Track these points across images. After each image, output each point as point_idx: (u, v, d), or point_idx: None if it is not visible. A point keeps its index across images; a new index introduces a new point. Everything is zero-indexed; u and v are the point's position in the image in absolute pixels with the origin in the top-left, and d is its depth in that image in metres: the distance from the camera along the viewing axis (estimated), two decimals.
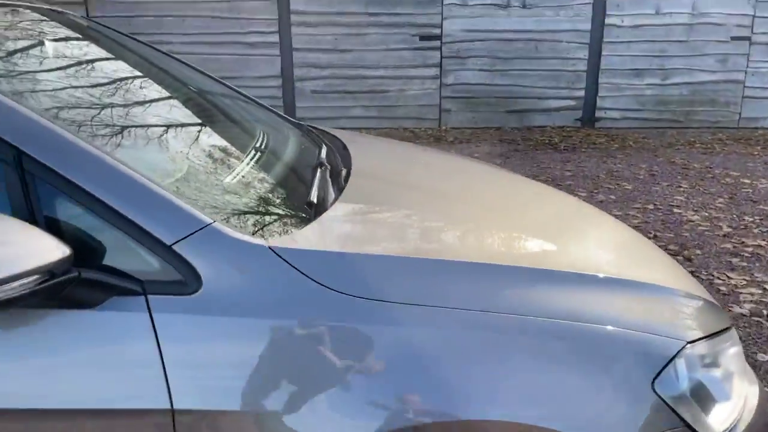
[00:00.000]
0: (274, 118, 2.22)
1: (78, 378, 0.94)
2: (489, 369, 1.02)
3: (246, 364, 0.98)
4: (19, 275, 0.84)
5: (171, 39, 8.83)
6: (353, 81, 9.08)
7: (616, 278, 1.26)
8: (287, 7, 8.78)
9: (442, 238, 1.39)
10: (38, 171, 0.96)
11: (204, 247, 1.01)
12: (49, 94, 1.25)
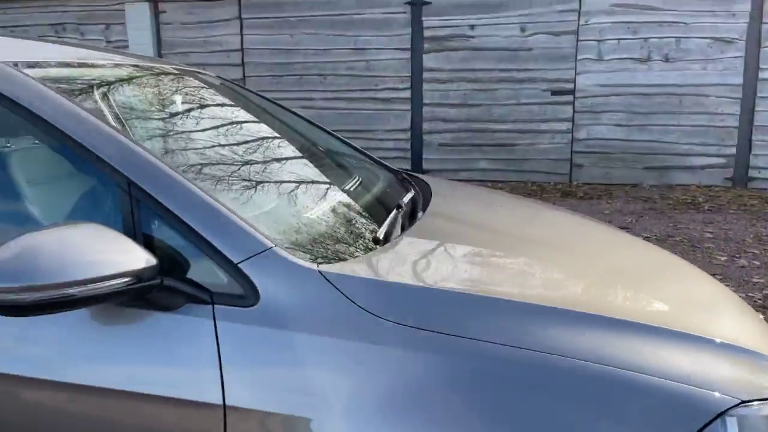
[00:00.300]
0: (373, 166, 2.39)
1: (152, 368, 1.12)
2: (509, 404, 1.05)
3: (290, 373, 1.10)
4: (113, 276, 1.04)
5: (313, 95, 9.61)
6: (481, 134, 9.21)
7: (669, 329, 1.21)
8: (420, 65, 9.20)
9: (490, 275, 1.42)
10: (142, 197, 1.18)
11: (264, 267, 1.16)
12: (167, 137, 1.51)
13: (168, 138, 1.56)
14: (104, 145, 1.20)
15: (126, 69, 1.80)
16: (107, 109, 1.38)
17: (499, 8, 8.80)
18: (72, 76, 1.45)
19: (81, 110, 1.24)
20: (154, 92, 1.75)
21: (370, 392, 1.07)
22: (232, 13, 9.58)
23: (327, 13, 9.28)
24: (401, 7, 9.09)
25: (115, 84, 1.58)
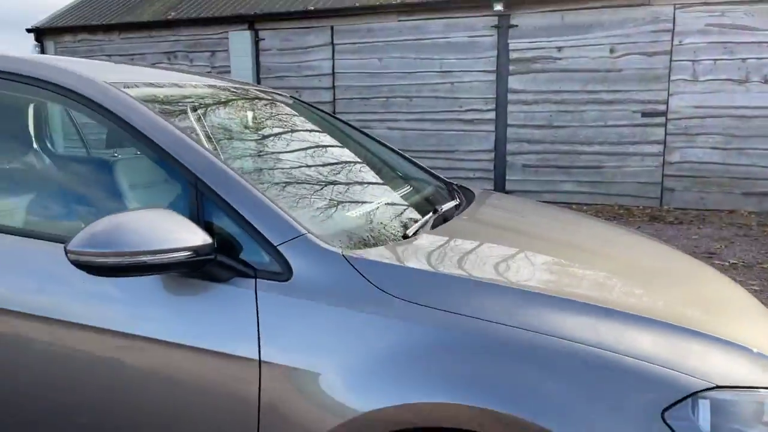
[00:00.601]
0: (425, 176, 2.58)
1: (205, 328, 1.35)
2: (487, 371, 1.19)
3: (318, 335, 1.30)
4: (177, 249, 1.29)
5: (398, 117, 9.93)
6: (566, 156, 9.11)
7: (655, 319, 1.30)
8: (505, 87, 9.28)
9: (490, 264, 1.56)
10: (205, 190, 1.44)
11: (297, 249, 1.38)
12: (232, 143, 1.80)
13: (232, 144, 1.84)
14: (177, 148, 1.47)
15: (203, 89, 2.12)
16: (181, 119, 1.67)
17: (588, 29, 8.74)
18: (157, 94, 1.76)
19: (159, 119, 1.52)
20: (224, 106, 2.04)
21: (372, 353, 1.25)
22: (325, 39, 10.15)
23: (414, 38, 9.60)
24: (487, 30, 9.24)
25: (190, 100, 1.90)
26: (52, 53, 12.00)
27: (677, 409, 1.15)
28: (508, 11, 9.06)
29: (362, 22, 9.87)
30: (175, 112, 1.72)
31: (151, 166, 1.56)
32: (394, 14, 9.67)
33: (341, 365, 1.27)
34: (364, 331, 1.28)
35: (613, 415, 1.15)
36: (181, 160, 1.47)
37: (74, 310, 1.43)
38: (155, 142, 1.49)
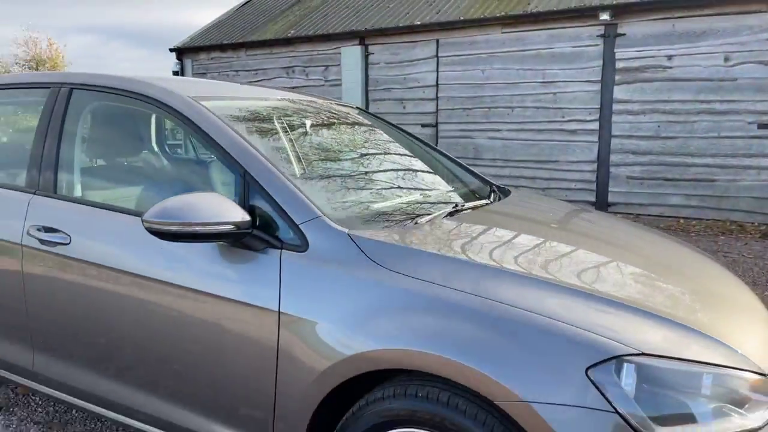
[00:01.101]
0: (465, 175, 2.85)
1: (243, 286, 1.74)
2: (451, 327, 1.46)
3: (322, 293, 1.64)
4: (222, 223, 1.69)
5: (499, 127, 10.05)
6: (675, 168, 8.74)
7: (597, 295, 1.52)
8: (610, 97, 9.11)
9: (477, 245, 1.81)
10: (251, 181, 1.83)
11: (313, 228, 1.72)
12: (277, 142, 2.22)
13: (277, 142, 2.24)
14: (232, 146, 1.87)
15: (267, 101, 2.56)
16: (240, 124, 2.09)
17: (700, 37, 8.37)
18: (225, 105, 2.20)
19: (221, 123, 1.94)
20: (277, 113, 2.46)
21: (357, 307, 1.57)
22: (430, 52, 10.52)
23: (517, 49, 9.70)
24: (593, 40, 9.13)
25: (252, 109, 2.33)
26: (189, 69, 13.44)
27: (600, 368, 1.35)
28: (616, 20, 8.90)
29: (466, 35, 10.13)
30: (236, 118, 2.15)
31: (213, 160, 1.99)
32: (497, 26, 9.83)
33: (336, 317, 1.60)
34: (356, 292, 1.61)
35: (545, 366, 1.38)
36: (234, 156, 1.88)
37: (159, 271, 1.89)
38: (217, 141, 1.92)
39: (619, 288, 1.68)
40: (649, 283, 1.82)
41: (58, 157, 2.25)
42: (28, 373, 2.28)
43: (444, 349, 1.45)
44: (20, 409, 2.65)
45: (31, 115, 2.45)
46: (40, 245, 2.13)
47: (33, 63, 35.75)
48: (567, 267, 1.79)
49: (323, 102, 2.95)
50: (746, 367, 1.49)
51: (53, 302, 2.12)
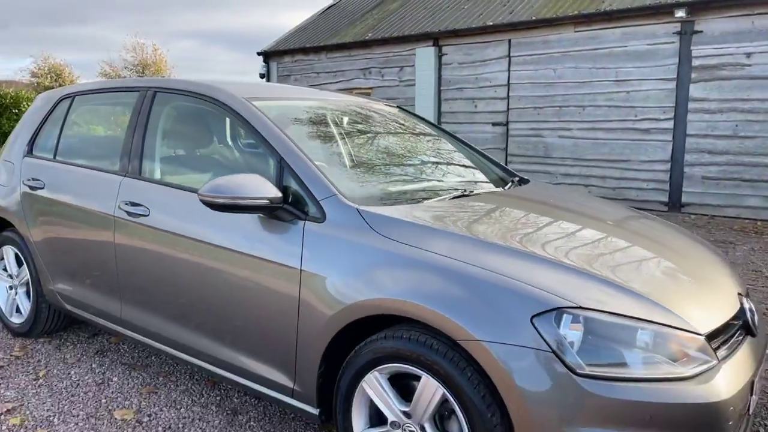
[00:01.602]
0: (492, 166, 3.18)
1: (276, 247, 2.16)
2: (430, 281, 1.83)
3: (333, 255, 2.03)
4: (259, 197, 2.12)
5: (570, 126, 10.06)
6: (754, 169, 8.46)
7: (547, 259, 1.85)
8: (686, 95, 8.93)
9: (465, 220, 2.16)
10: (285, 165, 2.26)
11: (330, 203, 2.12)
12: (311, 134, 2.66)
13: (310, 134, 2.69)
14: (272, 137, 2.32)
15: (308, 101, 3.01)
16: (281, 120, 2.52)
17: None
18: (276, 106, 2.66)
19: (265, 118, 2.39)
20: (315, 111, 2.91)
21: (359, 266, 1.96)
22: (502, 52, 10.69)
23: (590, 48, 9.69)
24: (669, 37, 8.98)
25: (293, 107, 2.78)
26: (275, 71, 14.29)
27: (542, 318, 1.66)
28: (692, 17, 8.73)
29: (539, 35, 10.22)
30: (279, 114, 2.59)
31: (257, 148, 2.46)
32: (570, 25, 9.86)
33: (342, 273, 1.99)
34: (358, 254, 1.99)
35: (498, 314, 1.70)
36: (273, 145, 2.32)
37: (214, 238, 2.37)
38: (261, 133, 2.37)
39: (581, 257, 1.96)
40: (617, 253, 2.09)
41: (143, 147, 2.80)
42: (117, 320, 2.84)
43: (422, 299, 1.81)
44: (112, 353, 3.24)
45: (122, 114, 3.03)
46: (127, 216, 2.67)
47: (139, 67, 38.67)
48: (538, 237, 2.10)
49: (363, 101, 3.36)
50: (681, 327, 1.74)
51: (136, 262, 2.66)
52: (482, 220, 2.23)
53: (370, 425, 2.04)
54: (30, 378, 2.93)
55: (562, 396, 1.63)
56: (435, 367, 1.80)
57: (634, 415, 1.61)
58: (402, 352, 1.87)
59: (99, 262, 2.84)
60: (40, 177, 3.20)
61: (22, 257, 3.35)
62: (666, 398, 1.62)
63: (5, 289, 3.55)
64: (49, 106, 3.45)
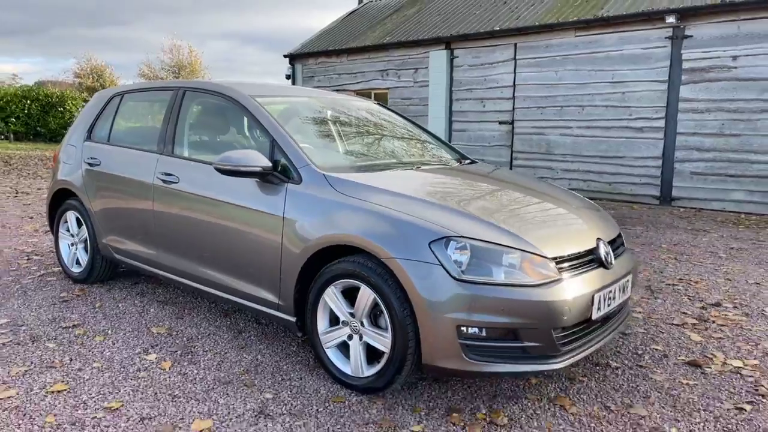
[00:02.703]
0: (450, 151, 4.01)
1: (265, 201, 3.03)
2: (369, 219, 2.65)
3: (305, 205, 2.88)
4: (255, 166, 2.96)
5: (570, 124, 10.74)
6: (738, 165, 9.04)
7: (445, 206, 2.65)
8: (677, 96, 9.54)
9: (404, 182, 3.00)
10: (276, 143, 3.11)
11: (306, 170, 2.97)
12: (300, 120, 3.52)
13: (297, 122, 3.55)
14: (268, 124, 3.18)
15: (300, 98, 3.88)
16: (275, 111, 3.37)
17: (765, 39, 8.63)
18: (273, 101, 3.52)
19: (264, 111, 3.25)
20: (305, 105, 3.77)
21: (322, 213, 2.78)
22: (509, 55, 11.42)
23: (589, 51, 10.36)
24: (661, 42, 9.61)
25: (289, 103, 3.65)
26: (300, 73, 15.24)
27: (436, 243, 2.47)
28: (683, 23, 9.35)
29: (542, 39, 10.93)
30: (274, 109, 3.46)
31: (257, 133, 3.33)
32: (571, 30, 10.55)
33: (309, 219, 2.83)
34: (321, 205, 2.83)
35: (409, 242, 2.51)
36: (268, 129, 3.18)
37: (225, 196, 3.24)
38: (260, 121, 3.24)
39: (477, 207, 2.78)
40: (509, 204, 2.90)
41: (175, 132, 3.70)
42: (154, 263, 3.74)
43: (362, 234, 2.63)
44: (149, 294, 4.14)
45: (160, 108, 3.94)
46: (163, 183, 3.57)
47: (176, 68, 40.25)
48: (451, 194, 2.94)
49: (346, 98, 4.23)
50: (533, 251, 2.54)
51: (168, 217, 3.55)
52: (416, 184, 3.07)
53: (330, 326, 2.88)
54: (88, 307, 3.86)
55: (445, 294, 2.44)
56: (369, 279, 2.63)
57: (493, 307, 2.42)
58: (349, 271, 2.71)
59: (141, 219, 3.76)
60: (97, 157, 4.14)
61: (81, 219, 4.30)
62: (516, 296, 2.42)
63: (67, 245, 4.50)
64: (103, 102, 4.40)
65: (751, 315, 3.98)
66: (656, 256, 5.81)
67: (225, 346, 3.27)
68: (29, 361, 3.01)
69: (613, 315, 2.92)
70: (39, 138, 21.65)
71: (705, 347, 3.38)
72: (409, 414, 2.56)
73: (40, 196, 9.15)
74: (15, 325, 3.51)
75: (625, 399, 2.73)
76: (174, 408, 2.56)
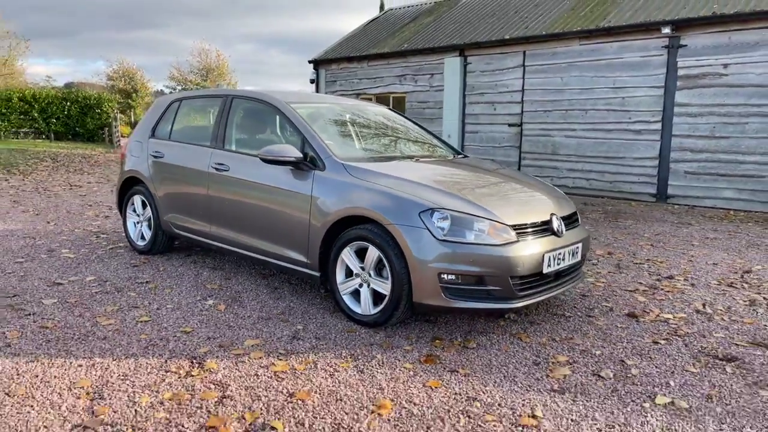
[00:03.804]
0: (446, 147, 4.90)
1: (298, 184, 3.95)
2: (381, 199, 3.56)
3: (327, 187, 3.78)
4: (289, 156, 3.89)
5: (575, 127, 11.52)
6: (727, 165, 9.75)
7: (433, 187, 3.53)
8: (672, 101, 10.28)
9: (407, 171, 3.85)
10: (305, 140, 4.02)
11: (328, 160, 3.87)
12: (326, 121, 4.44)
13: (323, 123, 4.48)
14: (300, 126, 4.08)
15: (325, 104, 4.81)
16: (305, 114, 4.29)
17: (754, 47, 9.35)
18: (303, 106, 4.42)
19: (298, 115, 4.16)
20: (329, 109, 4.70)
21: (341, 192, 3.67)
22: (518, 62, 12.24)
23: (592, 59, 11.14)
24: (658, 50, 10.36)
25: (315, 108, 4.58)
26: (323, 77, 16.22)
27: (425, 213, 3.36)
28: (678, 33, 10.09)
29: (549, 47, 11.73)
30: (305, 112, 4.38)
31: (290, 132, 4.28)
32: (576, 39, 11.34)
33: (331, 197, 3.72)
34: (340, 186, 3.73)
35: (405, 213, 3.40)
36: (300, 129, 4.11)
37: (266, 180, 4.18)
38: (294, 123, 4.17)
39: (458, 186, 3.67)
40: (485, 186, 3.79)
41: (225, 131, 4.65)
42: (207, 235, 4.69)
43: (371, 207, 3.52)
44: (201, 262, 5.08)
45: (212, 112, 4.90)
46: (216, 171, 4.52)
47: (204, 71, 41.64)
48: (441, 178, 3.82)
49: (363, 103, 5.15)
50: (497, 220, 3.42)
51: (220, 197, 4.49)
52: (413, 171, 3.96)
53: (345, 277, 3.79)
54: (154, 270, 4.83)
55: (431, 251, 3.32)
56: (375, 241, 3.53)
57: (465, 260, 3.29)
58: (360, 236, 3.61)
59: (197, 200, 4.71)
60: (161, 150, 5.12)
61: (146, 202, 5.28)
62: (483, 252, 3.30)
63: (133, 224, 5.49)
64: (164, 106, 5.39)
65: (696, 285, 4.80)
66: (635, 243, 6.61)
67: (265, 297, 4.21)
68: (119, 303, 3.97)
69: (565, 274, 3.79)
70: (77, 138, 22.97)
71: (646, 305, 4.22)
72: (403, 340, 3.45)
73: (91, 189, 10.24)
74: (101, 281, 4.49)
75: (569, 335, 3.59)
76: (230, 333, 3.49)
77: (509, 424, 2.49)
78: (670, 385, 2.91)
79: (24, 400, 2.59)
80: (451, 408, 2.63)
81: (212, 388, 2.75)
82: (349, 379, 2.90)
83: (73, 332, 3.42)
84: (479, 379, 2.93)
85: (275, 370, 2.97)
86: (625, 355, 3.29)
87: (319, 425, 2.45)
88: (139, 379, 2.83)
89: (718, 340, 3.54)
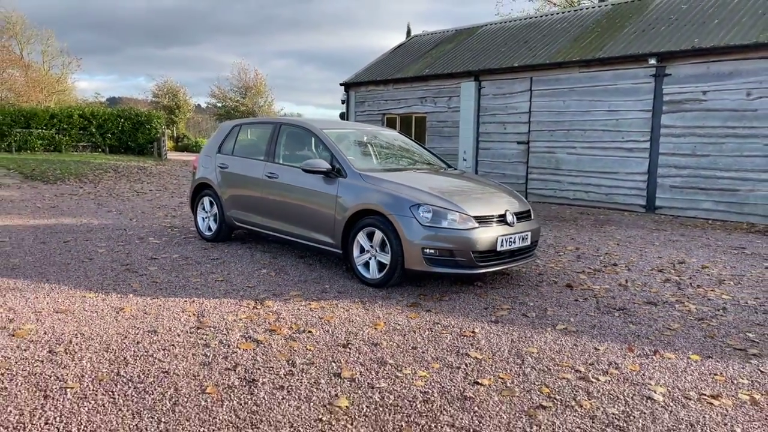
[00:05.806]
0: (441, 161, 6.47)
1: (327, 188, 5.56)
2: (386, 196, 5.12)
3: (347, 189, 5.36)
4: (322, 167, 5.48)
5: (575, 144, 12.93)
6: (707, 180, 11.03)
7: (424, 191, 5.07)
8: (659, 123, 11.63)
9: (405, 178, 5.41)
10: (333, 157, 5.62)
11: (349, 171, 5.45)
12: (350, 143, 6.06)
13: (348, 144, 6.09)
14: (330, 145, 5.66)
15: (349, 129, 6.42)
16: (334, 137, 5.89)
17: (729, 77, 10.67)
18: (332, 131, 6.03)
19: (329, 137, 5.75)
20: (353, 133, 6.29)
21: (357, 193, 5.24)
22: (525, 87, 13.73)
23: (590, 85, 12.57)
24: (647, 78, 11.74)
25: (341, 132, 6.19)
26: (353, 98, 17.94)
27: (414, 207, 4.87)
28: (664, 63, 11.47)
29: (552, 74, 13.20)
30: (334, 134, 6.00)
31: (323, 149, 5.90)
32: (576, 67, 12.79)
33: (350, 197, 5.27)
34: (356, 189, 5.28)
35: (400, 207, 4.94)
36: (330, 148, 5.71)
37: (305, 184, 5.79)
38: (326, 144, 5.78)
39: (441, 190, 5.22)
40: (459, 188, 5.33)
41: (275, 149, 6.31)
42: (260, 225, 6.31)
43: (378, 204, 5.09)
44: (254, 248, 6.70)
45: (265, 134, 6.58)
46: (269, 179, 6.17)
47: (243, 89, 44.04)
48: (431, 183, 5.36)
49: (379, 128, 6.77)
50: (465, 212, 4.95)
51: (271, 197, 6.12)
52: (411, 178, 5.53)
53: (359, 253, 5.35)
54: (220, 252, 6.48)
55: (418, 233, 4.86)
56: (380, 227, 5.09)
57: (441, 239, 4.83)
58: (370, 223, 5.18)
59: (253, 200, 6.36)
60: (226, 162, 6.82)
61: (213, 201, 6.97)
62: (453, 234, 4.82)
63: (202, 219, 7.19)
64: (228, 129, 7.10)
65: (632, 270, 6.23)
66: (605, 243, 8.02)
67: (303, 269, 5.81)
68: (201, 270, 5.62)
69: (518, 254, 5.29)
70: (129, 151, 25.15)
71: (584, 281, 5.68)
72: (399, 295, 5.00)
73: (154, 195, 12.07)
74: (184, 257, 6.17)
75: (516, 295, 5.09)
76: (280, 288, 5.09)
77: (456, 335, 4.02)
78: (570, 321, 4.39)
79: (157, 316, 4.22)
80: (421, 327, 4.17)
81: (270, 315, 4.35)
82: (358, 312, 4.46)
83: (175, 285, 5.07)
84: (443, 315, 4.46)
85: (311, 307, 4.56)
86: (549, 306, 4.79)
87: (338, 331, 4.02)
88: (224, 309, 4.44)
89: (622, 301, 5.00)
